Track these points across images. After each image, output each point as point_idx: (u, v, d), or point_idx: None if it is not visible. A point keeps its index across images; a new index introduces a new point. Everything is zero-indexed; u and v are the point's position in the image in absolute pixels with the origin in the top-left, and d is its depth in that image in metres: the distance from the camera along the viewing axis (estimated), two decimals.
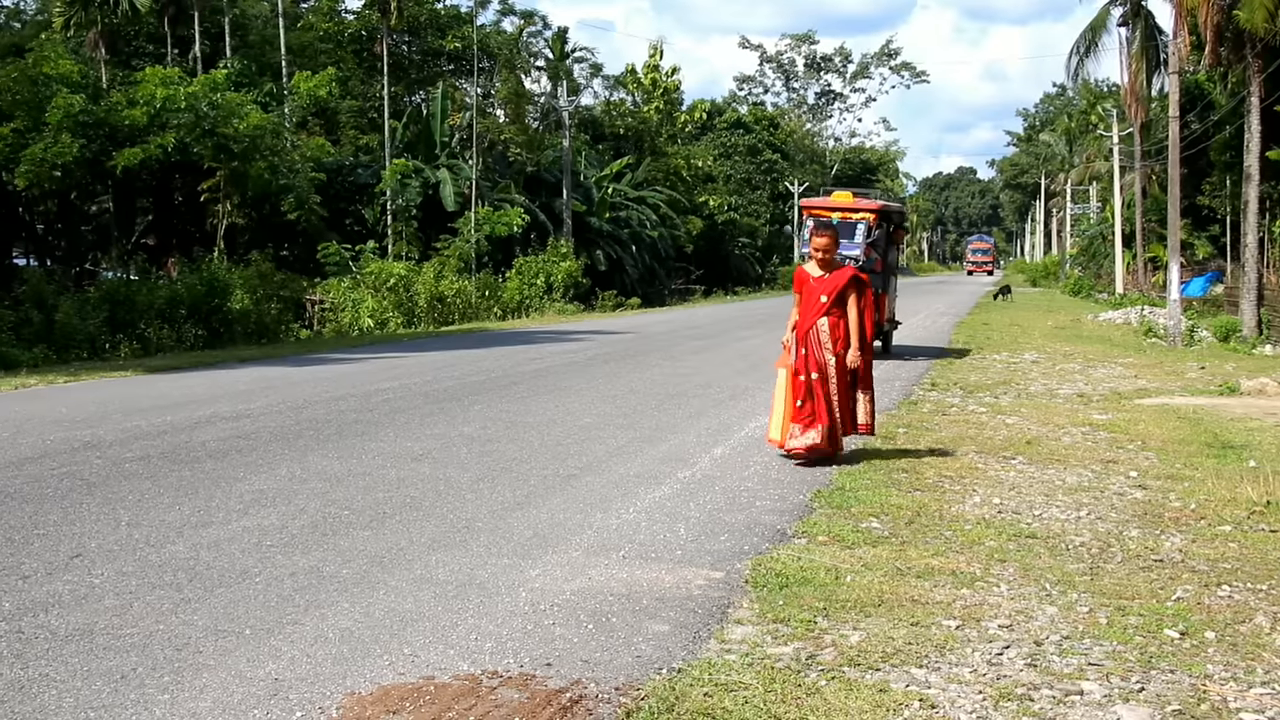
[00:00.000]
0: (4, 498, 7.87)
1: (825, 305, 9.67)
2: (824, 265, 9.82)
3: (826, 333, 9.65)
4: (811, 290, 9.78)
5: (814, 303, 9.71)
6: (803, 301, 9.81)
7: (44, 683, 4.65)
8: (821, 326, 9.68)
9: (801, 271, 9.99)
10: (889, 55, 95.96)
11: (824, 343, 9.64)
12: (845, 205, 19.27)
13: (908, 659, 5.09)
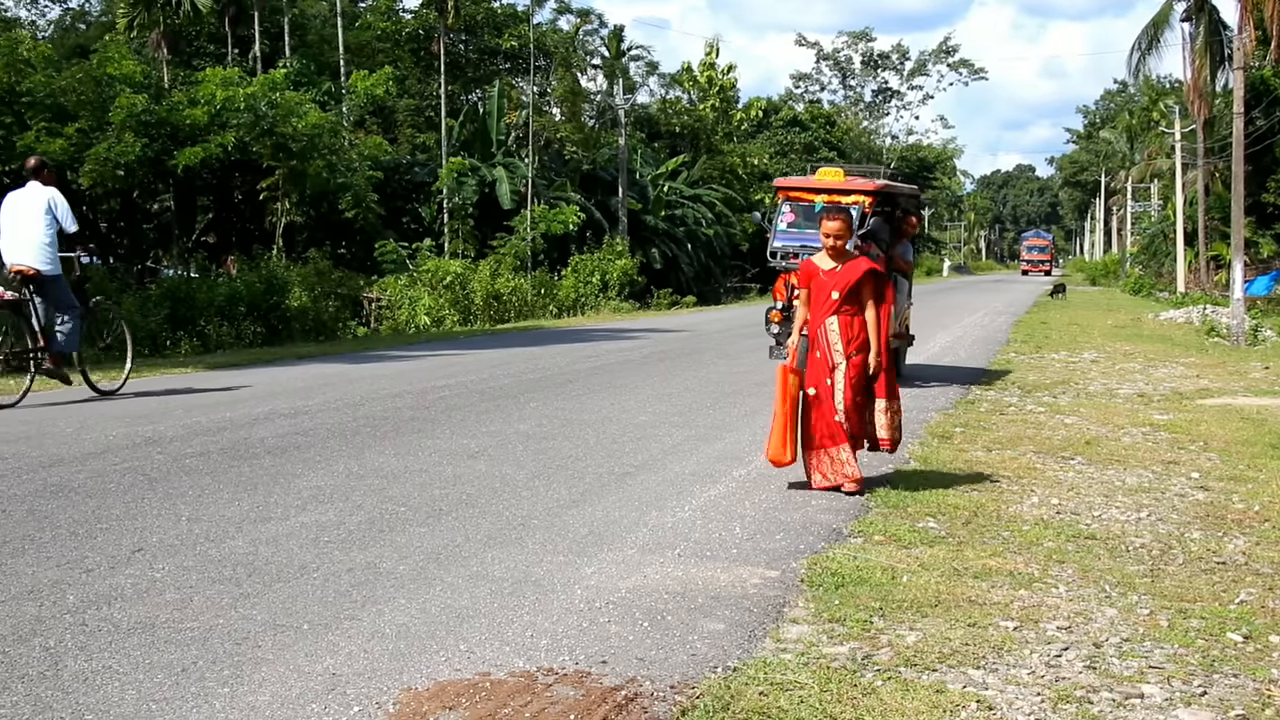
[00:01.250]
0: (68, 492, 7.98)
1: (836, 302, 8.56)
2: (835, 256, 8.70)
3: (837, 332, 8.54)
4: (821, 285, 8.68)
5: (824, 299, 8.63)
6: (812, 298, 8.76)
7: (107, 674, 4.71)
8: (831, 326, 8.57)
9: (809, 264, 8.85)
10: (947, 52, 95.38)
11: (833, 344, 8.54)
12: (832, 185, 14.61)
13: (965, 660, 5.06)
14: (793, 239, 14.67)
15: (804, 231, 14.49)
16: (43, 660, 4.86)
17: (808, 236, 14.15)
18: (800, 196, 14.99)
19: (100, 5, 58.17)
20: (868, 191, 14.31)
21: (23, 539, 6.74)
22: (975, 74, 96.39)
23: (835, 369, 8.48)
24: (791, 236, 14.74)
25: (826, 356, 8.52)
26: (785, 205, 15.06)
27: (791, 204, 15.01)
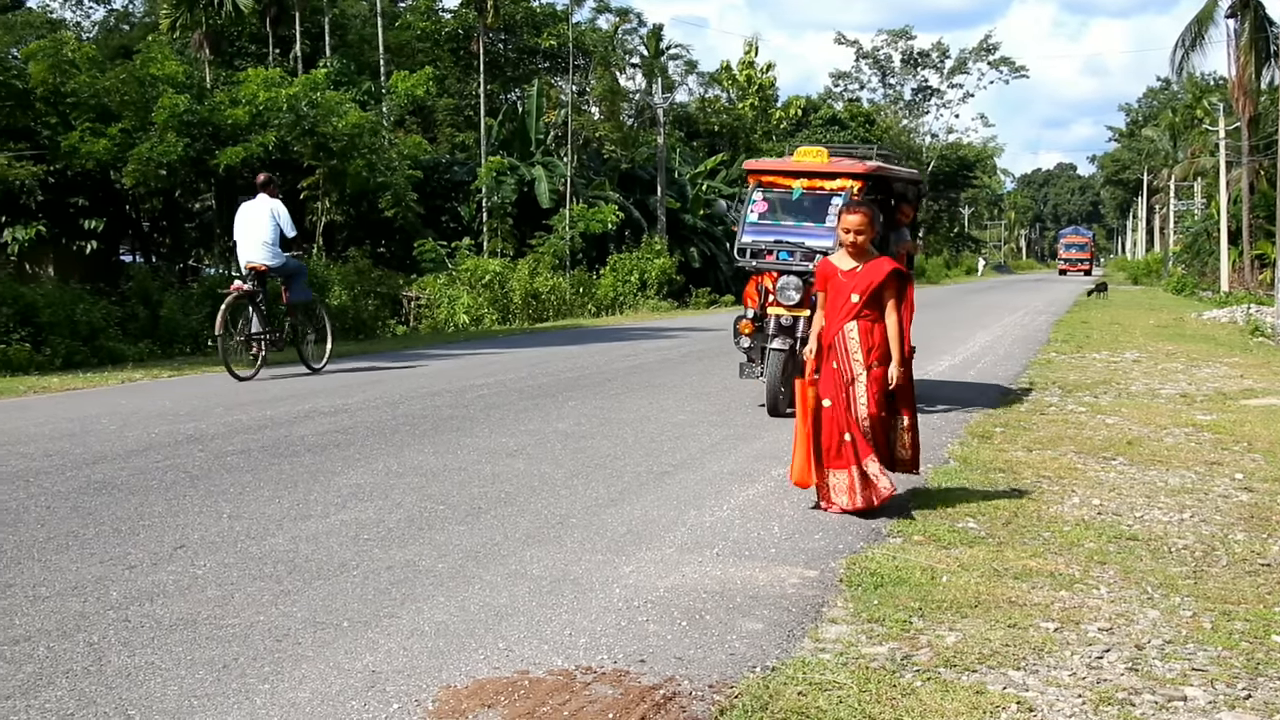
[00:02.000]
0: (112, 489, 8.06)
1: (855, 306, 7.74)
2: (856, 254, 7.86)
3: (856, 340, 7.71)
4: (839, 287, 7.86)
5: (842, 303, 7.82)
6: (828, 301, 7.93)
7: (150, 670, 4.75)
8: (850, 333, 7.75)
9: (827, 264, 8.04)
10: (987, 50, 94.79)
11: (852, 352, 7.74)
12: (813, 168, 12.30)
13: (1005, 661, 5.03)
14: (765, 233, 12.24)
15: (779, 224, 12.30)
16: (87, 655, 4.91)
17: (784, 230, 12.17)
18: (775, 182, 12.43)
19: (144, 6, 58.68)
20: (856, 175, 11.98)
21: (67, 535, 6.81)
22: (1016, 72, 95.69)
23: (854, 381, 7.67)
24: (764, 230, 12.30)
25: (844, 367, 7.73)
26: (757, 192, 12.52)
27: (764, 191, 12.50)
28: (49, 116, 21.16)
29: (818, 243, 11.70)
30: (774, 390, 11.67)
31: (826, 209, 11.97)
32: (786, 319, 11.65)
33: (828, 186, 12.09)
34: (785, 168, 12.53)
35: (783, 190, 12.39)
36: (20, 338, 16.35)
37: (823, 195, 12.13)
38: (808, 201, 12.25)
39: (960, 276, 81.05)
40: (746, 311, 12.16)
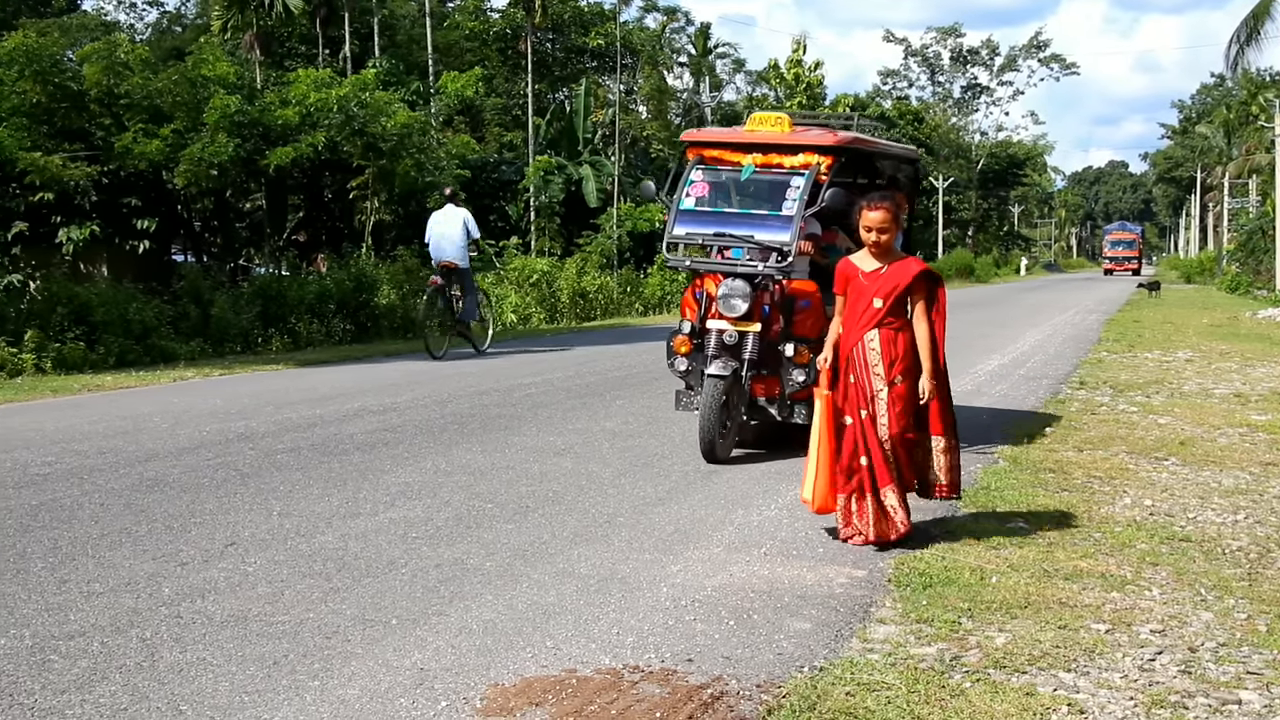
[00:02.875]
0: (164, 487, 8.13)
1: (879, 312, 6.87)
2: (879, 254, 6.99)
3: (878, 351, 6.85)
4: (860, 291, 6.97)
5: (863, 308, 6.93)
6: (847, 306, 7.05)
7: (201, 666, 4.79)
8: (870, 342, 6.87)
9: (847, 265, 7.12)
10: (1038, 47, 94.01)
11: (872, 365, 6.87)
12: (770, 139, 9.67)
13: (1055, 662, 4.99)
14: (703, 223, 9.71)
15: (721, 212, 9.80)
16: (139, 651, 4.96)
17: (728, 219, 9.70)
18: (721, 158, 9.84)
19: (196, 8, 59.25)
20: (825, 148, 9.46)
21: (120, 532, 6.88)
22: (1067, 69, 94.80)
23: (875, 398, 6.83)
24: (702, 219, 9.72)
25: (863, 381, 6.87)
26: (696, 170, 9.89)
27: (706, 169, 9.88)
28: (103, 118, 21.37)
29: (771, 235, 9.33)
30: (710, 429, 9.03)
31: (784, 192, 9.43)
32: (730, 335, 9.18)
33: (788, 163, 9.47)
34: (734, 139, 9.91)
35: (730, 168, 9.80)
36: (75, 336, 16.53)
37: (781, 175, 9.52)
38: (761, 182, 9.75)
39: (1010, 275, 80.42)
40: (681, 325, 9.61)
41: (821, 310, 9.38)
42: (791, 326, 9.48)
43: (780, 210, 9.45)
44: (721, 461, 9.15)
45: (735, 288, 9.18)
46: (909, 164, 11.50)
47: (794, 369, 9.32)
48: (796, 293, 9.58)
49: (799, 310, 9.52)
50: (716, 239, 9.63)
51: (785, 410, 9.46)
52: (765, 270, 9.21)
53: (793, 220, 9.29)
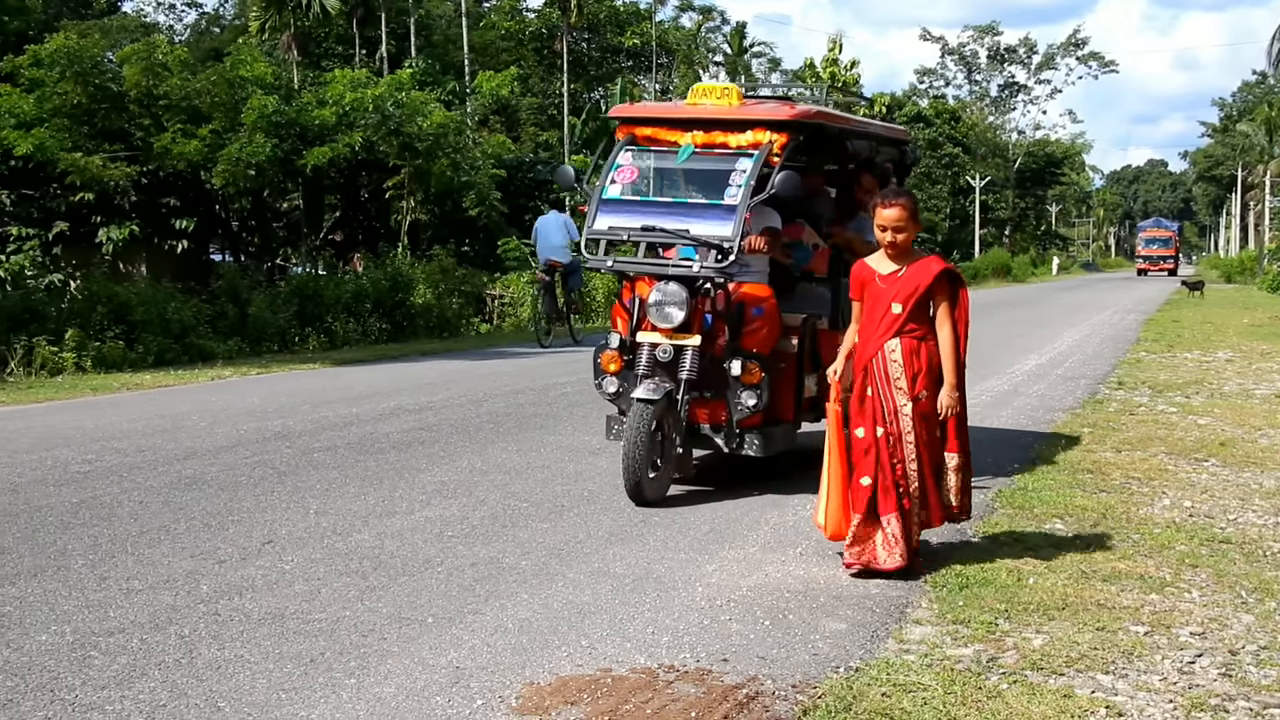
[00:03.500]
0: (202, 485, 8.19)
1: (898, 319, 6.25)
2: (896, 255, 6.36)
3: (899, 363, 6.23)
4: (878, 295, 6.34)
5: (881, 315, 6.31)
6: (865, 313, 6.42)
7: (239, 664, 4.82)
8: (891, 353, 6.26)
9: (863, 268, 6.45)
10: (1076, 45, 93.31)
11: (894, 378, 6.25)
12: (714, 114, 8.25)
13: (1093, 664, 4.96)
14: (629, 213, 8.16)
15: (652, 201, 8.38)
16: (178, 648, 5.00)
17: (659, 211, 8.18)
18: (655, 137, 8.38)
19: (234, 9, 59.60)
20: (778, 124, 8.03)
21: (159, 530, 6.93)
22: (1105, 67, 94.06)
23: (898, 413, 6.23)
24: (628, 209, 8.20)
25: (883, 395, 6.25)
26: (625, 152, 8.44)
27: (638, 149, 8.47)
28: (142, 118, 21.55)
29: (709, 229, 7.86)
30: (635, 464, 7.48)
31: (728, 177, 7.99)
32: (664, 350, 7.79)
33: (734, 143, 8.07)
34: (671, 114, 8.56)
35: (665, 149, 8.35)
36: (114, 335, 16.66)
37: (725, 156, 8.10)
38: (700, 166, 8.33)
39: (1047, 275, 79.92)
40: (609, 340, 8.35)
41: (777, 320, 8.12)
42: (740, 339, 7.96)
43: (722, 199, 7.95)
44: (653, 504, 7.60)
45: (669, 293, 7.73)
46: (892, 145, 9.77)
47: (743, 390, 7.84)
48: (747, 299, 8.07)
49: (750, 320, 8.01)
50: (644, 234, 7.97)
51: (733, 440, 7.99)
52: (701, 271, 7.71)
53: (735, 211, 7.77)
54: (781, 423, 8.37)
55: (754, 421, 7.99)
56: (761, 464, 8.75)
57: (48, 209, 20.11)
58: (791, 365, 8.30)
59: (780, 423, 8.35)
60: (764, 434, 8.06)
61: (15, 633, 5.16)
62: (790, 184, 7.65)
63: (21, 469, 8.60)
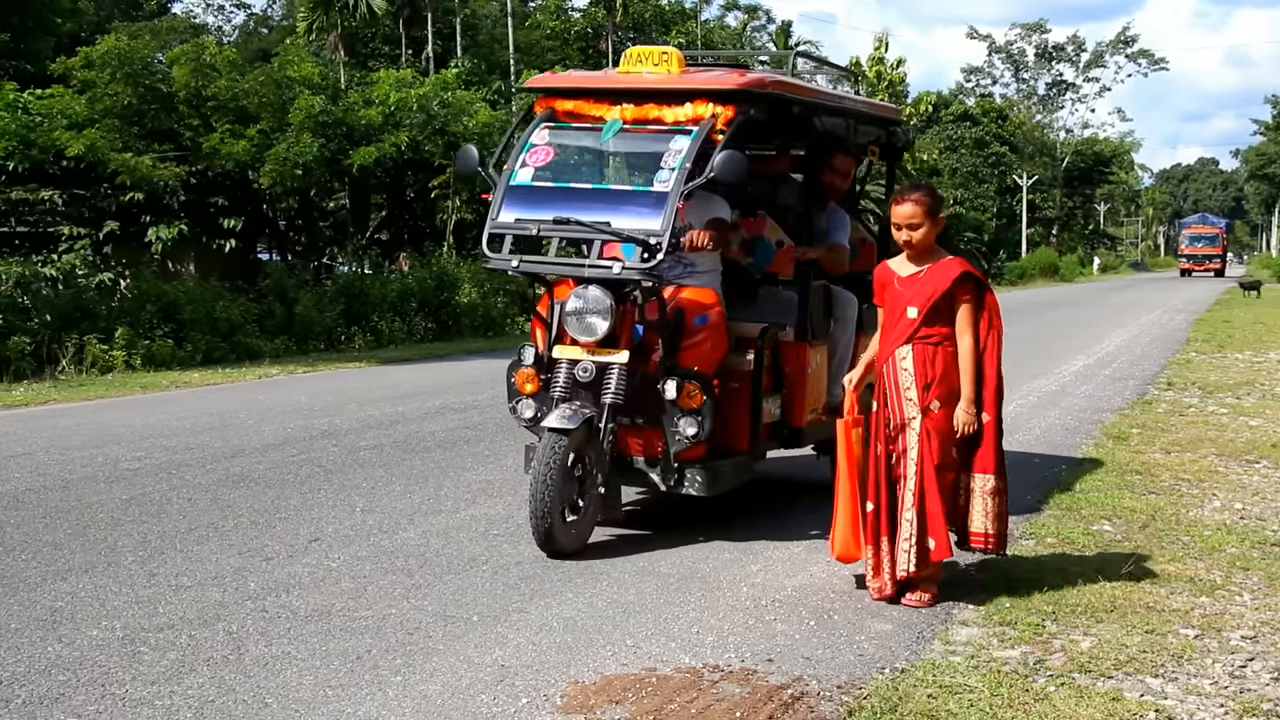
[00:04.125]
0: (250, 482, 8.25)
1: (912, 324, 5.74)
2: (915, 256, 5.86)
3: (910, 371, 5.72)
4: (895, 299, 5.86)
5: (896, 320, 5.83)
6: (884, 318, 5.94)
7: (286, 660, 4.85)
8: (902, 360, 5.75)
9: (884, 270, 6.00)
10: (1125, 42, 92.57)
11: (904, 387, 5.74)
12: (649, 84, 7.02)
13: (1142, 667, 4.91)
14: (541, 204, 6.85)
15: (568, 188, 6.98)
16: (226, 644, 5.04)
17: (576, 200, 6.83)
18: (578, 112, 7.10)
19: (282, 10, 60.05)
20: (722, 95, 6.76)
21: (207, 527, 6.99)
22: (1155, 64, 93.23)
23: (906, 427, 5.73)
24: (540, 200, 6.88)
25: (893, 406, 5.77)
26: (541, 131, 7.12)
27: (557, 127, 7.15)
28: (191, 119, 21.74)
29: (635, 221, 6.56)
30: (545, 507, 6.23)
31: (660, 159, 6.70)
32: (585, 369, 6.57)
33: (670, 118, 6.80)
34: (598, 84, 7.41)
35: (589, 125, 7.07)
36: (163, 334, 16.83)
37: (659, 134, 6.82)
38: (629, 145, 7.11)
39: (1094, 274, 79.24)
40: (524, 352, 7.15)
41: (724, 332, 6.83)
42: (677, 354, 6.67)
43: (652, 184, 6.70)
44: (568, 554, 6.37)
45: (590, 300, 6.50)
46: (876, 125, 8.49)
47: (681, 417, 6.56)
48: (687, 306, 6.80)
49: (691, 331, 6.72)
50: (556, 228, 6.75)
51: (671, 476, 6.71)
52: (622, 274, 6.46)
53: (666, 199, 6.50)
54: (732, 454, 6.95)
55: (696, 454, 6.68)
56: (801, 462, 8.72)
57: (98, 209, 20.33)
58: (746, 385, 6.92)
59: (731, 454, 6.94)
60: (709, 469, 6.72)
61: (67, 627, 5.21)
62: (732, 166, 6.35)
63: (73, 466, 8.69)
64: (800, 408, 7.29)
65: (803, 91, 7.48)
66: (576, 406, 6.49)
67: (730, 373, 6.88)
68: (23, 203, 19.21)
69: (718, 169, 6.33)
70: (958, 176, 71.06)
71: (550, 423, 6.36)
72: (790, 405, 7.29)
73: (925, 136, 72.12)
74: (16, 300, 15.62)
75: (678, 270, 7.03)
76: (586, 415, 6.41)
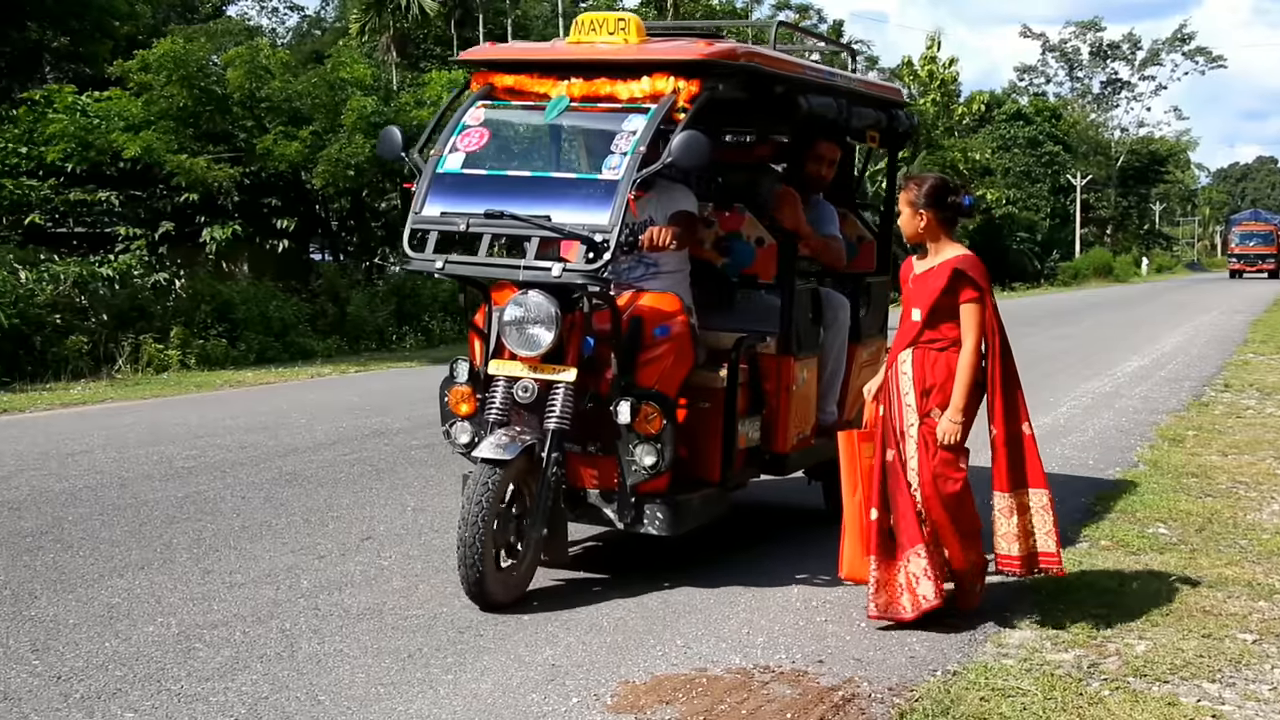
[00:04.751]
0: (303, 481, 8.31)
1: (917, 326, 5.43)
2: (930, 252, 5.53)
3: (909, 375, 5.42)
4: (907, 298, 5.55)
5: (904, 322, 5.53)
6: (900, 318, 5.61)
7: (338, 658, 4.88)
8: (903, 364, 5.45)
9: (906, 266, 5.64)
10: (1182, 40, 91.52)
11: (903, 393, 5.43)
12: (600, 54, 6.05)
13: (1199, 672, 4.86)
14: (473, 195, 5.91)
15: (503, 176, 6.04)
16: (279, 641, 5.08)
17: (512, 189, 5.89)
18: (521, 87, 6.15)
19: (335, 11, 60.46)
20: (684, 67, 5.84)
21: (261, 525, 7.05)
22: (1212, 62, 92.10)
23: (905, 435, 5.43)
24: (472, 189, 5.95)
25: (891, 413, 5.47)
26: (475, 109, 6.16)
27: (495, 105, 6.21)
28: (245, 120, 21.90)
29: (579, 214, 5.66)
30: (474, 551, 5.33)
31: (611, 142, 5.78)
32: (525, 388, 5.68)
33: (624, 95, 5.88)
34: (543, 56, 6.36)
35: (531, 104, 6.14)
36: (218, 333, 16.97)
37: (612, 115, 5.90)
38: (577, 126, 6.41)
39: (1142, 275, 78.36)
40: (456, 368, 6.29)
41: (689, 345, 5.92)
42: (634, 371, 5.77)
43: (600, 172, 5.78)
44: (503, 607, 5.48)
45: (532, 307, 5.61)
46: (874, 107, 7.43)
47: (638, 444, 5.66)
48: (646, 314, 5.87)
49: (650, 343, 5.80)
50: (487, 223, 5.73)
51: (628, 511, 5.80)
52: (563, 277, 5.52)
53: (616, 189, 5.60)
54: (702, 485, 6.10)
55: (657, 486, 5.78)
56: None
57: (154, 209, 20.52)
58: (718, 405, 6.05)
59: (701, 485, 6.09)
60: (672, 504, 5.80)
61: (124, 624, 5.27)
62: (693, 149, 5.46)
63: (129, 464, 8.78)
64: (783, 430, 6.39)
65: (783, 65, 6.37)
66: (515, 433, 5.60)
67: (699, 391, 6.05)
68: (81, 204, 19.41)
69: (675, 152, 5.46)
70: (1011, 176, 70.54)
71: (483, 452, 5.50)
72: (771, 427, 6.39)
73: (978, 136, 71.70)
74: (75, 300, 15.79)
75: (638, 272, 6.26)
76: (526, 443, 5.52)
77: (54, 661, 4.80)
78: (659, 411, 5.62)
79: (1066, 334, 22.21)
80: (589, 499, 5.92)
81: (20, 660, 4.82)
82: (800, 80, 6.50)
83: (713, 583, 6.01)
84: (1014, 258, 65.92)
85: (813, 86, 6.60)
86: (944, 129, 65.78)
